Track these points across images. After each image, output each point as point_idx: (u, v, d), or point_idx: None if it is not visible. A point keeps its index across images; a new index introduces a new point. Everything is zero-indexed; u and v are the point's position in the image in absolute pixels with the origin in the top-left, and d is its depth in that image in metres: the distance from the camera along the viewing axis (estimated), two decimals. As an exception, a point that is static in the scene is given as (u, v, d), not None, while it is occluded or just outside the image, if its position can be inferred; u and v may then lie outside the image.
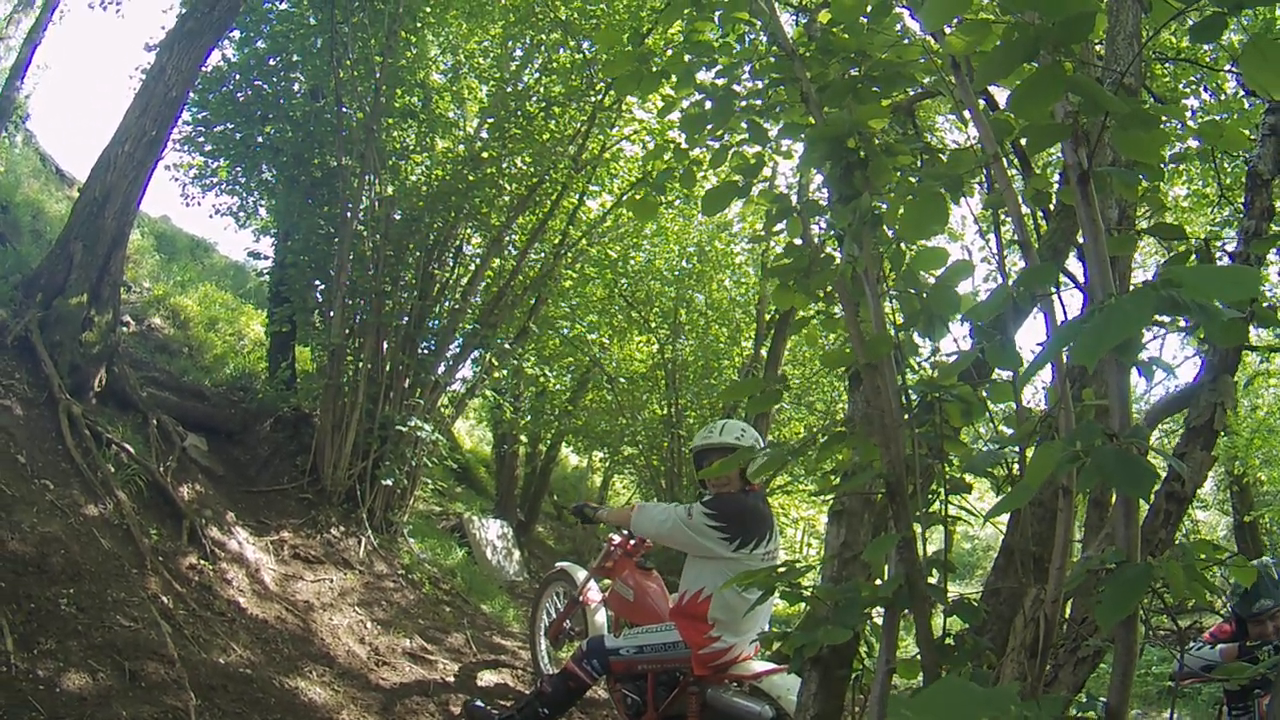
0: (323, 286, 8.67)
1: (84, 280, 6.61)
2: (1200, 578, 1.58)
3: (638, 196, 2.89)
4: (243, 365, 9.70)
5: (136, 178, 6.93)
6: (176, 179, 9.83)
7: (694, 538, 4.24)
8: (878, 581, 2.24)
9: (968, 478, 2.15)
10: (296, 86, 9.20)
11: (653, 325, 13.65)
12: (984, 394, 2.13)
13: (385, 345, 8.36)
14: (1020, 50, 1.55)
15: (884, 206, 2.21)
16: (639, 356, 14.77)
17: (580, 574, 5.88)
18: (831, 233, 2.44)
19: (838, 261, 2.33)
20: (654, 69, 2.65)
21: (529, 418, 13.94)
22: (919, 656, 2.00)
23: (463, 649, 6.66)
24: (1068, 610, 2.45)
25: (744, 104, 2.49)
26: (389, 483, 7.88)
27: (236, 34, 8.94)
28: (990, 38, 1.80)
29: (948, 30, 1.97)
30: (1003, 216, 4.27)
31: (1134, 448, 1.44)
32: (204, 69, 8.14)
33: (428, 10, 8.90)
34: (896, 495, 2.02)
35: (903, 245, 2.20)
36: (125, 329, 8.69)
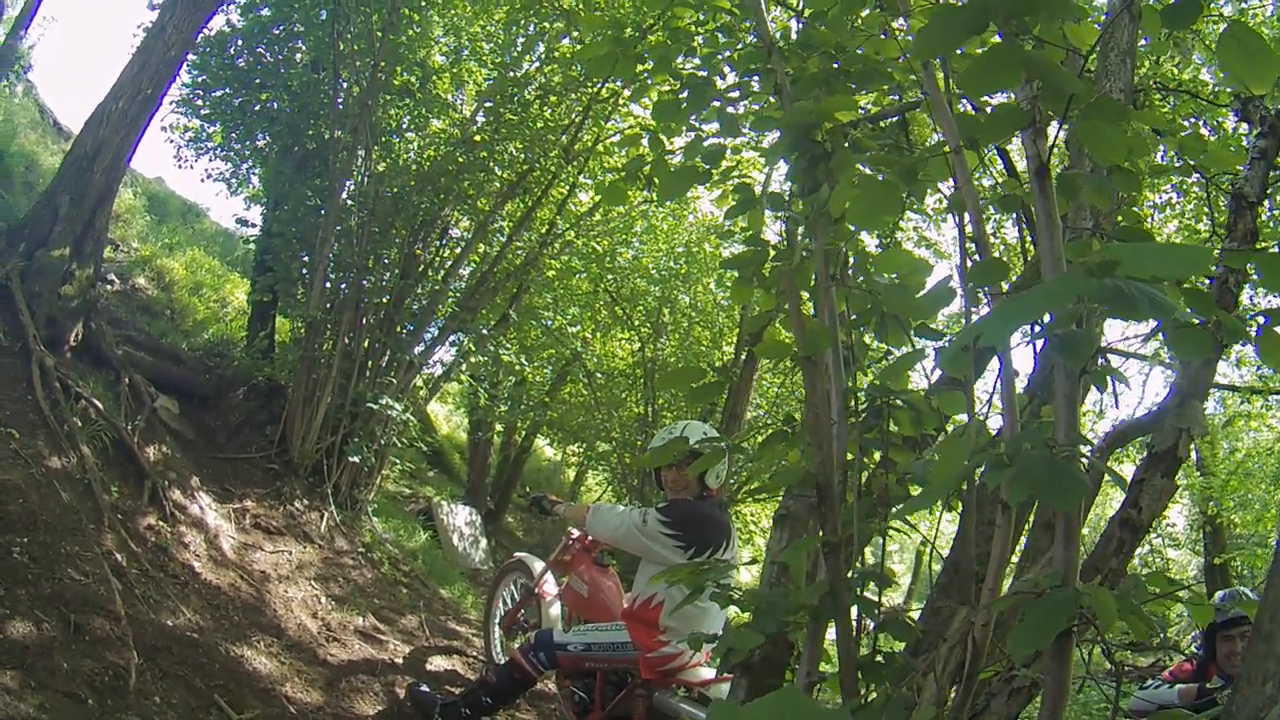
0: (307, 258, 8.67)
1: (68, 233, 6.65)
2: (1136, 610, 1.51)
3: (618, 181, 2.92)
4: (222, 332, 9.70)
5: (128, 135, 6.97)
6: (172, 140, 9.83)
7: (649, 544, 4.26)
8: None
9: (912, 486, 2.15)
10: (298, 56, 9.22)
11: (635, 323, 13.67)
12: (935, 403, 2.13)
13: (364, 322, 8.38)
14: (965, 20, 1.44)
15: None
16: (620, 353, 14.80)
17: (537, 566, 5.90)
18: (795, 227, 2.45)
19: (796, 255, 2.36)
20: (631, 54, 2.68)
21: (505, 406, 13.98)
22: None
23: (416, 632, 6.69)
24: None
25: (720, 94, 2.53)
26: (356, 460, 7.90)
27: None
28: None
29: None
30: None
31: (1068, 458, 1.39)
32: (207, 33, 8.17)
33: (438, -6, 8.93)
34: (826, 496, 2.00)
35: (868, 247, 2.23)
36: (109, 287, 8.69)
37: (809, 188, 2.10)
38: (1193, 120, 7.28)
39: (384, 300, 8.58)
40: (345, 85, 8.47)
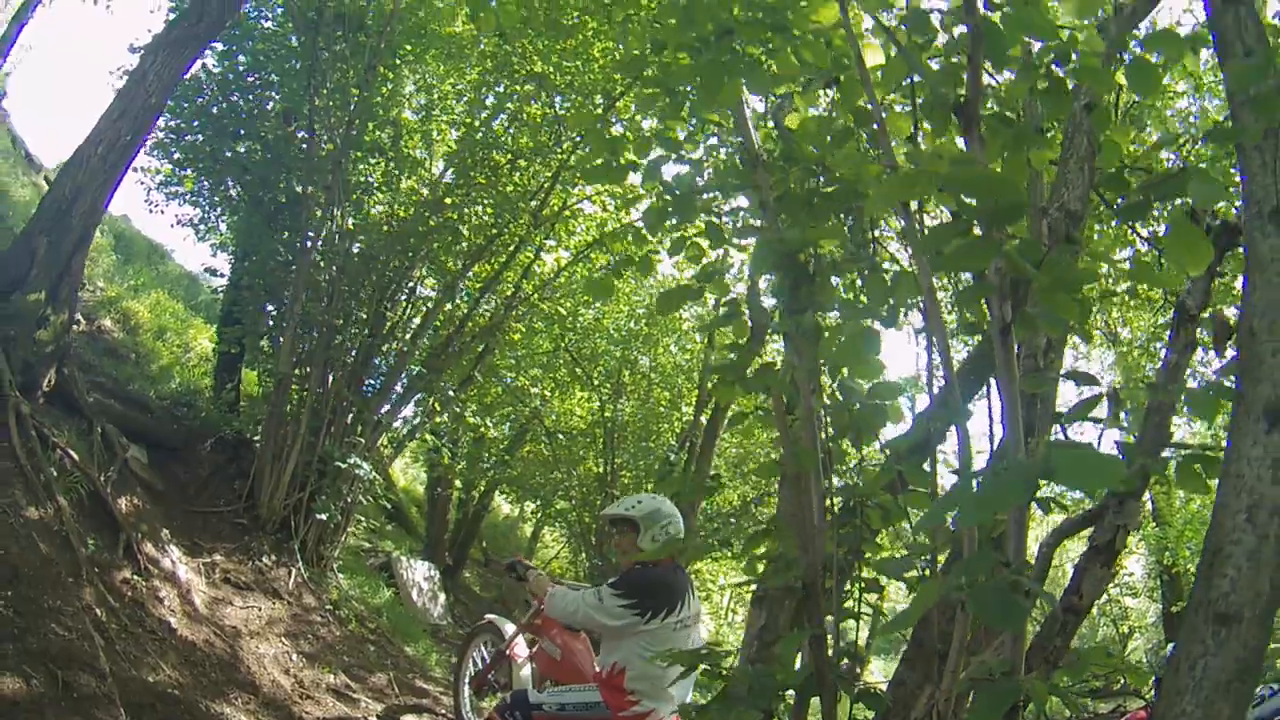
0: (274, 311, 8.85)
1: (44, 277, 6.70)
2: (1064, 695, 1.84)
3: (595, 273, 3.21)
4: (188, 380, 9.77)
5: (106, 181, 7.07)
6: (142, 183, 9.92)
7: (608, 622, 4.33)
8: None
9: (881, 579, 2.45)
10: (270, 106, 9.35)
11: (595, 383, 13.90)
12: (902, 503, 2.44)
13: (331, 379, 8.50)
14: (955, 229, 1.79)
15: (828, 317, 2.55)
16: (579, 412, 14.95)
17: (508, 628, 6.00)
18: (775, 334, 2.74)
19: (778, 364, 2.66)
20: (623, 162, 2.95)
21: (464, 464, 14.13)
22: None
23: (385, 690, 6.79)
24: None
25: (705, 198, 2.82)
26: (324, 517, 8.03)
27: (219, 46, 9.12)
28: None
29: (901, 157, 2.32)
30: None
31: (1018, 582, 1.62)
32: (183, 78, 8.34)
33: (408, 48, 9.16)
34: (812, 594, 2.26)
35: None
36: (75, 327, 8.76)
37: (793, 308, 2.36)
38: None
39: (351, 359, 8.72)
40: (318, 140, 8.61)
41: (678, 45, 2.72)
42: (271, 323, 8.85)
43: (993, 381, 2.08)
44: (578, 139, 9.23)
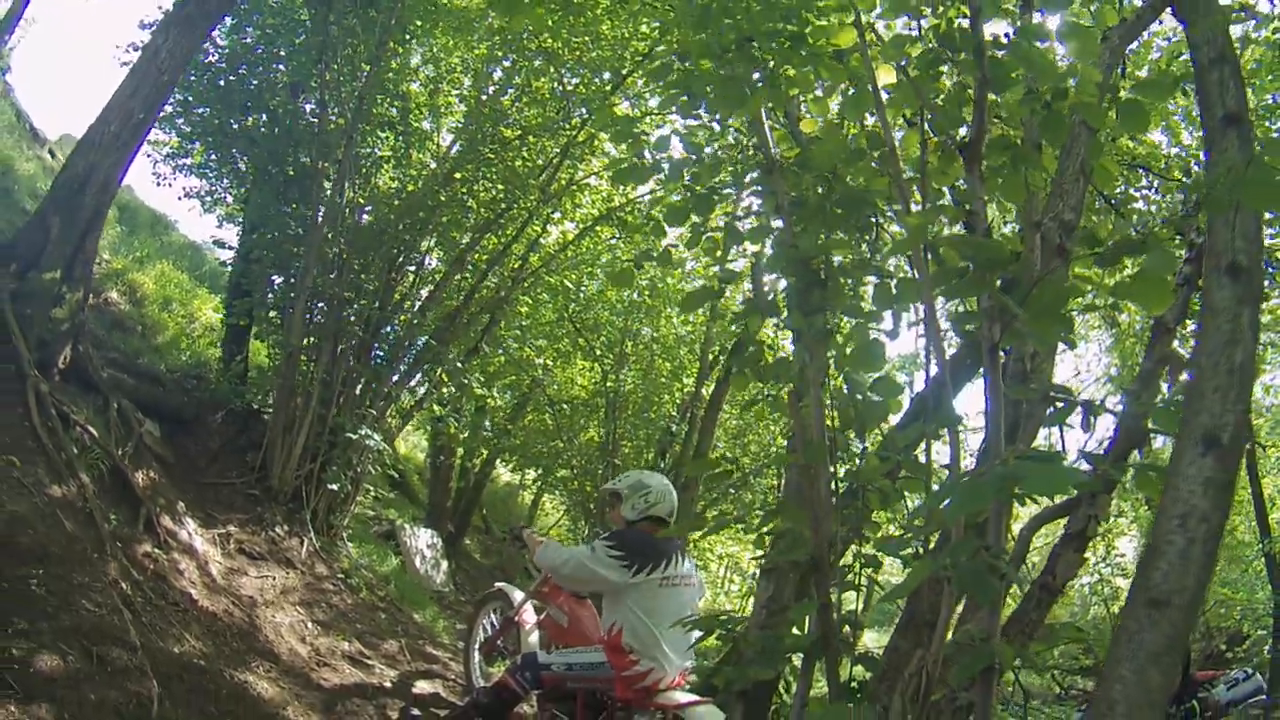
0: (282, 283, 9.00)
1: (59, 256, 6.80)
2: (1031, 660, 2.21)
3: (603, 248, 3.43)
4: (196, 352, 9.94)
5: (119, 159, 7.14)
6: (150, 155, 10.02)
7: (596, 570, 4.65)
8: (795, 631, 2.82)
9: (879, 556, 2.72)
10: (279, 80, 9.39)
11: (598, 353, 14.12)
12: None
13: (340, 351, 8.67)
14: (953, 274, 2.03)
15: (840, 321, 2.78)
16: (581, 381, 15.23)
17: (517, 595, 6.25)
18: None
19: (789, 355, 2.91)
20: (646, 164, 3.16)
21: (467, 432, 14.37)
22: (827, 695, 2.56)
23: (397, 656, 7.00)
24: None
25: (723, 194, 3.05)
26: (334, 487, 8.23)
27: (228, 20, 9.19)
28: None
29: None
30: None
31: (995, 564, 1.95)
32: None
33: (419, 23, 9.25)
34: (820, 567, 2.52)
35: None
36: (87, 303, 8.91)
37: (806, 309, 2.58)
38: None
39: (360, 331, 8.88)
40: (329, 113, 8.73)
41: (700, 51, 2.89)
42: (279, 294, 9.00)
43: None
44: (586, 114, 9.34)
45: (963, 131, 2.41)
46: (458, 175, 9.26)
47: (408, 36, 9.24)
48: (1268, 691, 5.63)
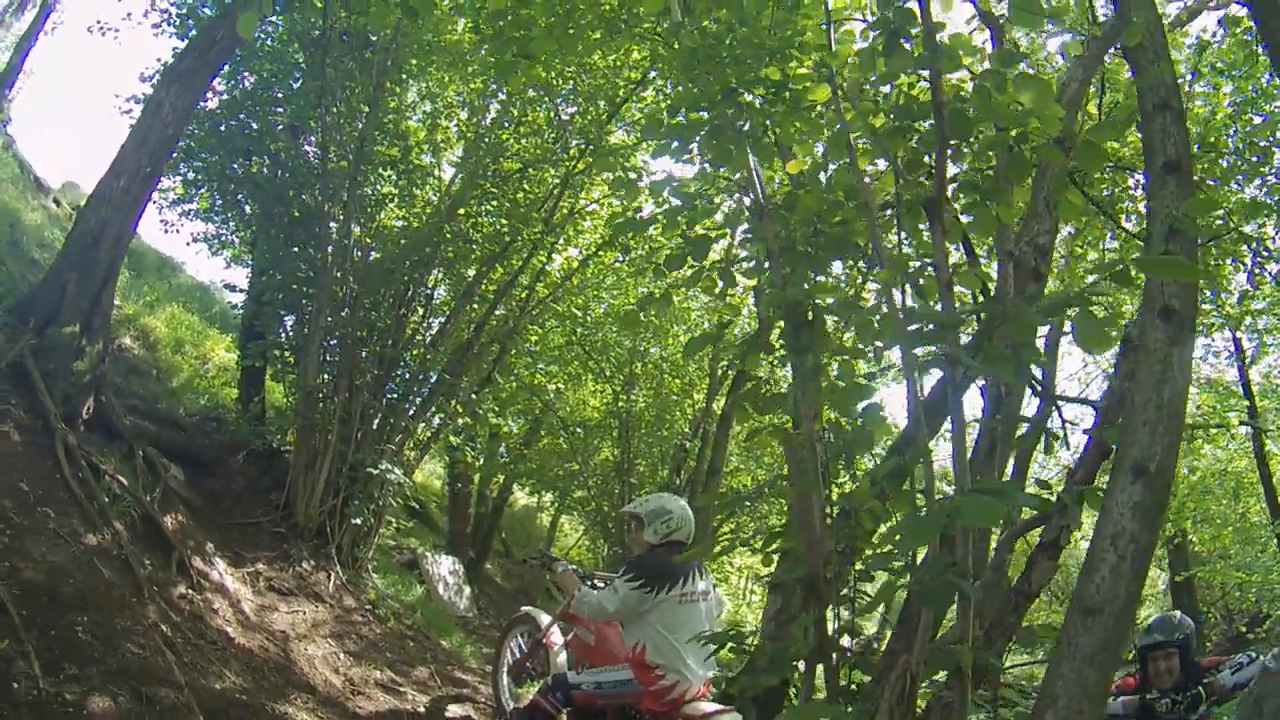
0: (294, 323, 9.30)
1: (76, 310, 7.06)
2: (989, 663, 2.55)
3: (606, 274, 3.72)
4: (212, 393, 10.19)
5: (130, 212, 7.43)
6: (156, 202, 10.23)
7: (625, 606, 4.94)
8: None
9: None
10: (278, 124, 9.65)
11: (608, 374, 14.36)
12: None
13: (356, 388, 8.92)
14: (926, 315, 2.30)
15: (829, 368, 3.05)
16: (592, 403, 15.52)
17: (544, 618, 6.48)
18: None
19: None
20: (645, 220, 3.45)
21: (482, 460, 14.65)
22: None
23: (428, 682, 7.25)
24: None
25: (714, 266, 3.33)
26: (358, 521, 8.51)
27: (225, 67, 9.48)
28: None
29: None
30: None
31: (956, 580, 2.25)
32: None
33: (414, 62, 9.50)
34: (815, 587, 2.84)
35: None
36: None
37: (796, 348, 2.85)
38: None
39: (374, 367, 9.16)
40: (331, 157, 8.99)
41: (690, 100, 3.16)
42: (292, 334, 9.29)
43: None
44: (584, 144, 9.60)
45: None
46: (461, 211, 9.52)
47: (404, 76, 9.51)
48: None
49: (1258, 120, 7.98)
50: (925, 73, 2.56)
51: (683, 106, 3.19)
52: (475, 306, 10.31)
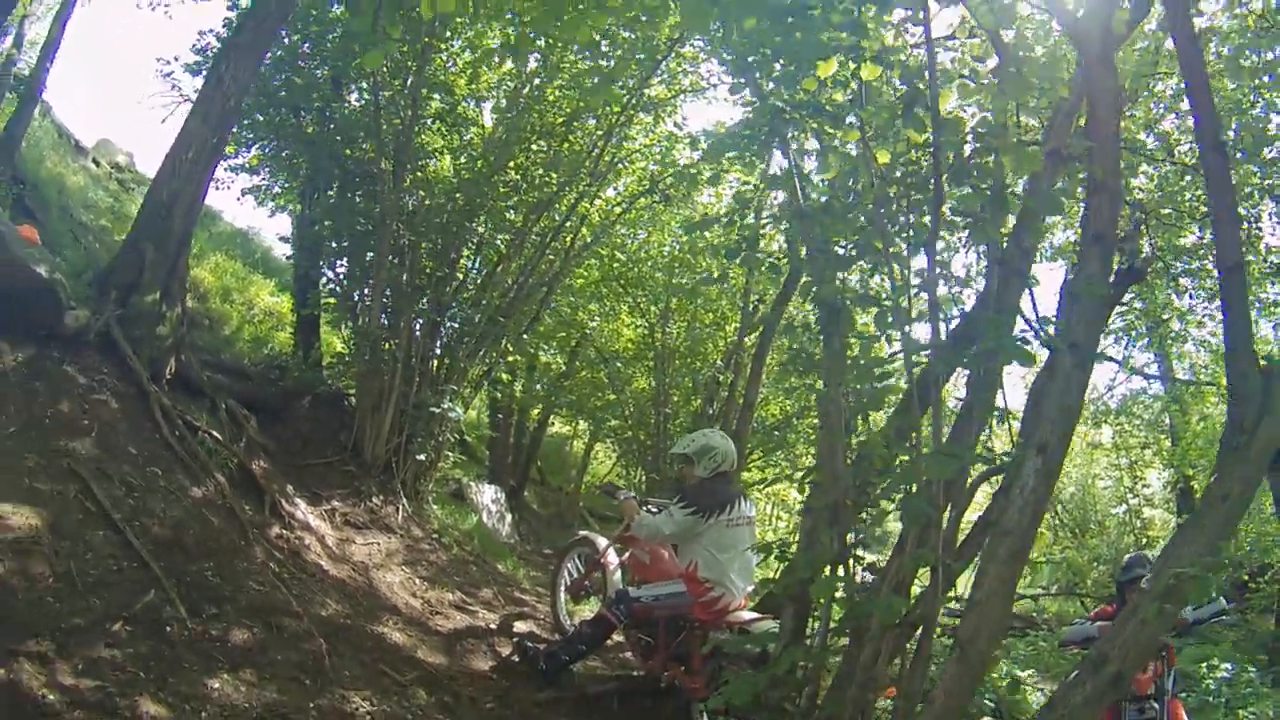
0: (347, 272, 10.05)
1: (155, 279, 7.48)
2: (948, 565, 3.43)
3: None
4: (268, 341, 10.96)
5: (200, 182, 7.89)
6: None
7: (681, 530, 5.91)
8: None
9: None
10: (321, 76, 10.17)
11: (643, 307, 15.01)
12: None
13: (416, 332, 9.71)
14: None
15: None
16: (627, 334, 16.15)
17: (601, 541, 7.30)
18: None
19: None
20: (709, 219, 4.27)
21: (523, 391, 15.47)
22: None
23: (492, 601, 8.08)
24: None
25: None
26: (421, 457, 9.34)
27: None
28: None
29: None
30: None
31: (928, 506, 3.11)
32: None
33: (461, 20, 9.76)
34: (837, 511, 3.73)
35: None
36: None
37: (828, 332, 3.66)
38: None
39: (432, 313, 9.93)
40: (384, 111, 9.58)
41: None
42: (348, 283, 10.05)
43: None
44: (625, 93, 10.13)
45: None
46: (511, 164, 10.13)
47: (449, 34, 10.00)
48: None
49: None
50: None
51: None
52: (527, 252, 10.89)
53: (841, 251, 3.82)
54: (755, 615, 5.85)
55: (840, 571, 3.92)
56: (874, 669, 3.42)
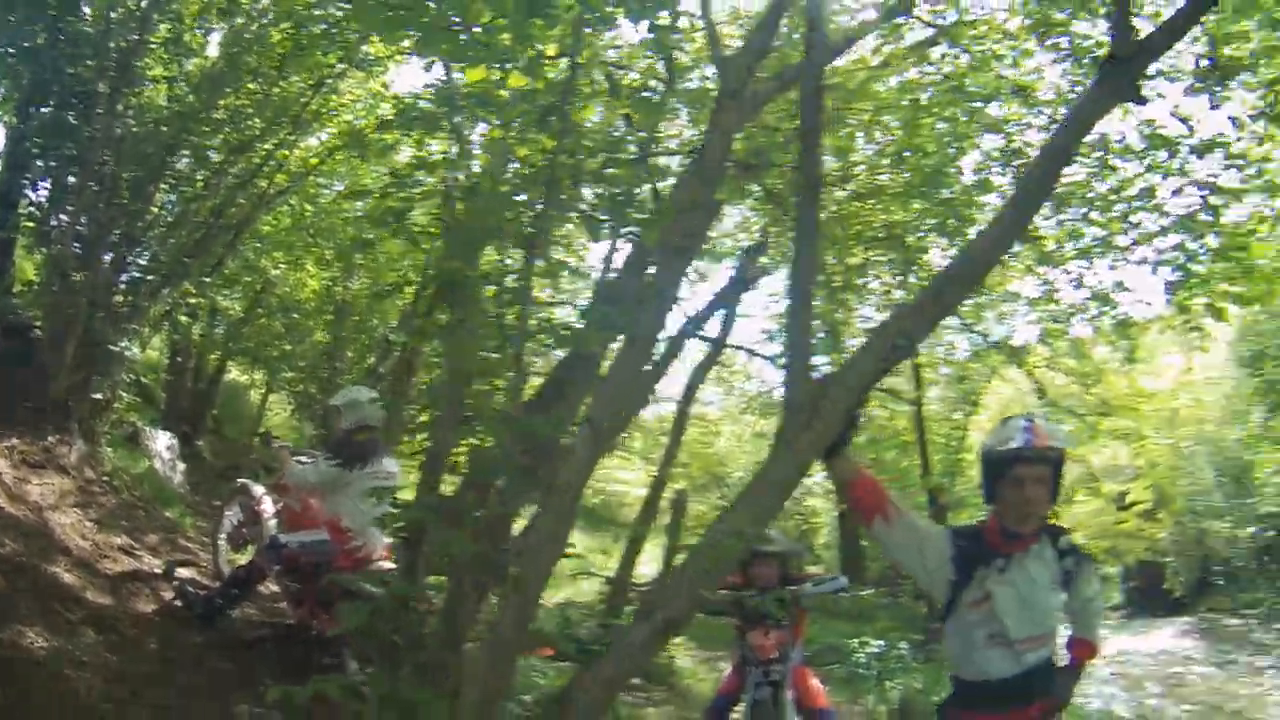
0: (49, 195, 9.76)
1: None
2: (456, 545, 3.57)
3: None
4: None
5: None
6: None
7: (324, 480, 6.42)
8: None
9: None
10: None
11: (329, 260, 15.15)
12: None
13: (104, 264, 9.51)
14: None
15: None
16: (312, 285, 16.13)
17: (258, 490, 7.67)
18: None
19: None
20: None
21: (203, 335, 15.25)
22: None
23: (159, 547, 8.25)
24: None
25: None
26: (99, 396, 9.19)
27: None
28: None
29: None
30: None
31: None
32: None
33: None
34: (434, 458, 4.64)
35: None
36: None
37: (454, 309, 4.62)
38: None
39: (122, 248, 9.81)
40: (112, 30, 9.31)
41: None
42: (48, 206, 9.75)
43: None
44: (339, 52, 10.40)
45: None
46: (221, 102, 10.17)
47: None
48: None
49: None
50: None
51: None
52: (222, 193, 10.89)
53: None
54: (393, 565, 6.24)
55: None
56: (461, 603, 3.69)
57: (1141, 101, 4.69)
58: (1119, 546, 26.06)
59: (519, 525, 4.33)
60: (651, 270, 4.32)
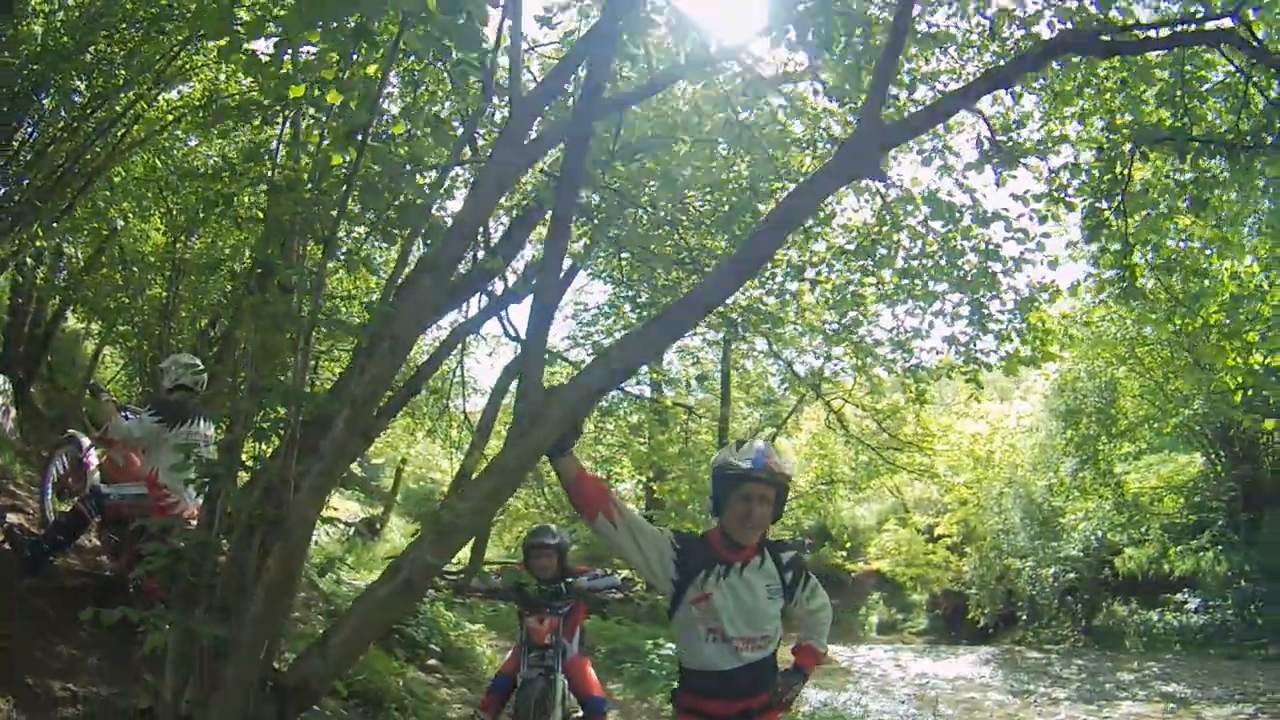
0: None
1: None
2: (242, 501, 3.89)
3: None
4: None
5: None
6: None
7: (144, 435, 6.56)
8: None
9: None
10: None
11: (174, 215, 14.54)
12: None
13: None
14: None
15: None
16: (155, 238, 15.71)
17: (85, 441, 7.70)
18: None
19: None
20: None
21: (44, 281, 14.66)
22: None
23: (-16, 495, 8.03)
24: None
25: None
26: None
27: None
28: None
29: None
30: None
31: None
32: None
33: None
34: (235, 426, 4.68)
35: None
36: None
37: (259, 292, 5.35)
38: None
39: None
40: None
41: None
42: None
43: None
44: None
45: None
46: (93, 46, 9.85)
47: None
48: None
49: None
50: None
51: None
52: (78, 138, 10.64)
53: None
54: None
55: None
56: (246, 552, 3.86)
57: (883, 180, 5.04)
58: (926, 575, 28.24)
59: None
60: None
